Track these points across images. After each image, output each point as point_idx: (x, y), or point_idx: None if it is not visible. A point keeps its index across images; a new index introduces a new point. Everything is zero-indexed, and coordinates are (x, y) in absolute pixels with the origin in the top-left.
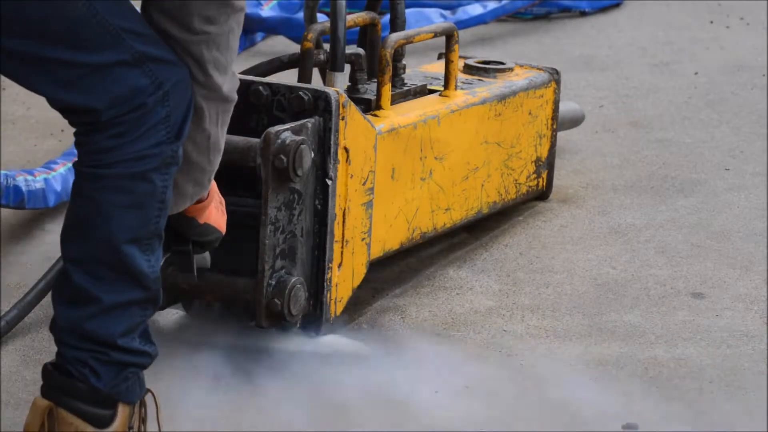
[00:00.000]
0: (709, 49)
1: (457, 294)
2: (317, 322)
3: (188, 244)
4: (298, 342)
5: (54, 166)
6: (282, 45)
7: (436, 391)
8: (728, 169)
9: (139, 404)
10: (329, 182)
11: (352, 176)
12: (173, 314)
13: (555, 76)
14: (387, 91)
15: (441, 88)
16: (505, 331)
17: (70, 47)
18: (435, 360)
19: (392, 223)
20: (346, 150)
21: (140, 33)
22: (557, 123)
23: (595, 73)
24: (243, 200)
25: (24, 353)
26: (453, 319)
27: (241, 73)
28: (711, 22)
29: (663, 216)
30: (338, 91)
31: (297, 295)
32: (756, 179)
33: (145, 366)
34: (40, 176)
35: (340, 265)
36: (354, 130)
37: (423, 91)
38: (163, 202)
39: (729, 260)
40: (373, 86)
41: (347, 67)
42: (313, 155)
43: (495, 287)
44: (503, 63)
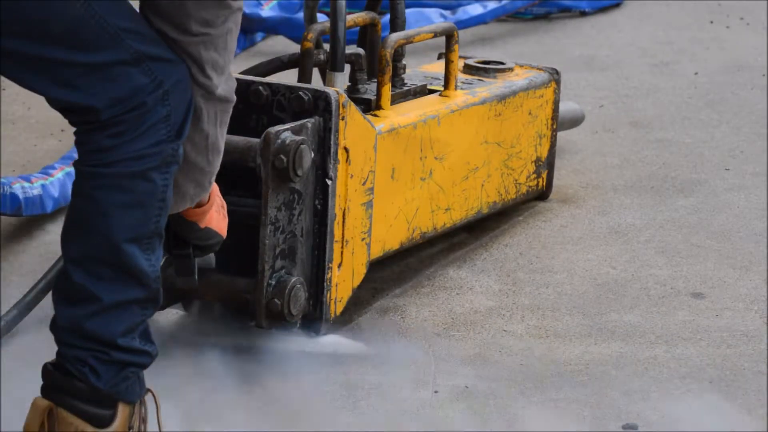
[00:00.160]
0: (709, 49)
1: (457, 294)
2: (317, 322)
3: (189, 248)
4: (298, 342)
5: (51, 172)
6: (282, 45)
7: (436, 391)
8: (728, 169)
9: (140, 404)
10: (329, 182)
11: (352, 176)
12: (173, 314)
13: (555, 76)
14: (387, 91)
15: (441, 88)
16: (505, 331)
17: (70, 47)
18: (435, 360)
19: (392, 223)
20: (346, 150)
21: (139, 32)
22: (557, 123)
23: (595, 73)
24: (243, 200)
25: (24, 353)
26: (453, 319)
27: (241, 73)
28: (711, 22)
29: (663, 216)
30: (338, 91)
31: (297, 295)
32: (756, 179)
33: (146, 365)
34: (38, 182)
35: (340, 265)
36: (354, 130)
37: (423, 91)
38: (164, 201)
39: (729, 260)
40: (373, 86)
41: (347, 67)
42: (313, 155)
43: (495, 287)
44: (503, 63)
